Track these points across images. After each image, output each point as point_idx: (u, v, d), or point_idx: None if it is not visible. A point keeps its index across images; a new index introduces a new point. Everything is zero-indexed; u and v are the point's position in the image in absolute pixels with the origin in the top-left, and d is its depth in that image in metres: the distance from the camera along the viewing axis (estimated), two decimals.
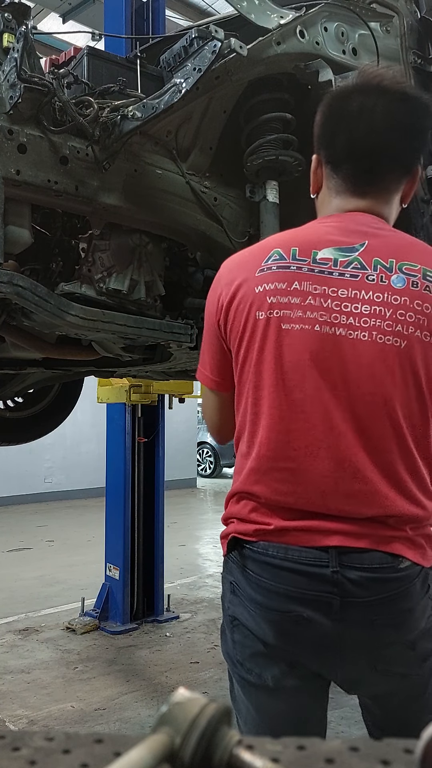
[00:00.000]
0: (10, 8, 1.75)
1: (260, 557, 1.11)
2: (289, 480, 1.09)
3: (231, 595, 1.17)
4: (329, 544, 1.07)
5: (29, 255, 1.91)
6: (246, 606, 1.13)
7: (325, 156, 1.21)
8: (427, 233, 2.26)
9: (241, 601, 1.14)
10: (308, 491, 1.08)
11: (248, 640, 1.13)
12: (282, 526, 1.10)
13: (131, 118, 1.79)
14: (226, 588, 1.20)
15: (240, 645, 1.15)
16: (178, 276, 2.26)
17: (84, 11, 9.17)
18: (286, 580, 1.09)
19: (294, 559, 1.08)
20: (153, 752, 0.37)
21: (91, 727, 2.96)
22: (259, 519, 1.12)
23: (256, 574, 1.12)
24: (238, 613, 1.15)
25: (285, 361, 1.10)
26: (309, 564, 1.07)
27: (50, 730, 0.42)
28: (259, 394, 1.12)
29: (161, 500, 4.70)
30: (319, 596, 1.07)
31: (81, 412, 4.84)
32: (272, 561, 1.10)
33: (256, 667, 1.13)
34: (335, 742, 0.41)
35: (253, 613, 1.12)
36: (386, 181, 1.19)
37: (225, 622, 1.20)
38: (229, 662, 1.18)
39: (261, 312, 1.11)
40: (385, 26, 2.27)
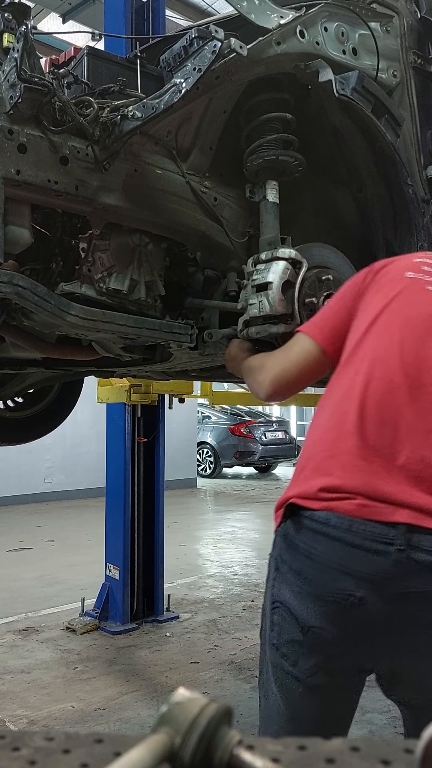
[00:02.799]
0: (10, 8, 1.75)
1: (317, 527, 1.04)
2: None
3: (275, 572, 1.11)
4: (398, 521, 1.00)
5: (29, 255, 1.91)
6: (290, 582, 1.07)
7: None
8: (427, 233, 2.26)
9: (285, 577, 1.08)
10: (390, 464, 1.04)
11: (287, 623, 1.07)
12: (350, 491, 1.03)
13: (131, 118, 1.79)
14: (270, 567, 1.14)
15: (278, 628, 1.08)
16: (178, 276, 2.26)
17: (84, 11, 9.17)
18: (342, 554, 1.01)
19: (356, 531, 1.01)
20: (153, 752, 0.37)
21: (91, 727, 2.96)
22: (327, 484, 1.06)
23: (308, 546, 1.05)
24: (279, 593, 1.09)
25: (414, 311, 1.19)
26: (372, 539, 1.00)
27: (50, 730, 0.42)
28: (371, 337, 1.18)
29: (161, 500, 4.69)
30: (377, 576, 1.00)
31: (81, 412, 4.84)
32: (331, 532, 1.03)
33: (293, 654, 1.06)
34: (336, 742, 0.41)
35: (297, 589, 1.05)
36: None
37: (266, 603, 1.13)
38: (265, 645, 1.12)
39: (411, 273, 1.24)
40: (385, 26, 2.27)
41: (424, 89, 2.37)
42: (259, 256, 1.93)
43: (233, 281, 2.14)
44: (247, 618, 4.56)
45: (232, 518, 8.91)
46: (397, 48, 2.29)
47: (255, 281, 1.90)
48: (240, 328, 1.98)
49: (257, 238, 2.05)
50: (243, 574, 5.78)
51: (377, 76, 2.15)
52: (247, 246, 2.13)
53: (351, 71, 2.00)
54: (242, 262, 2.06)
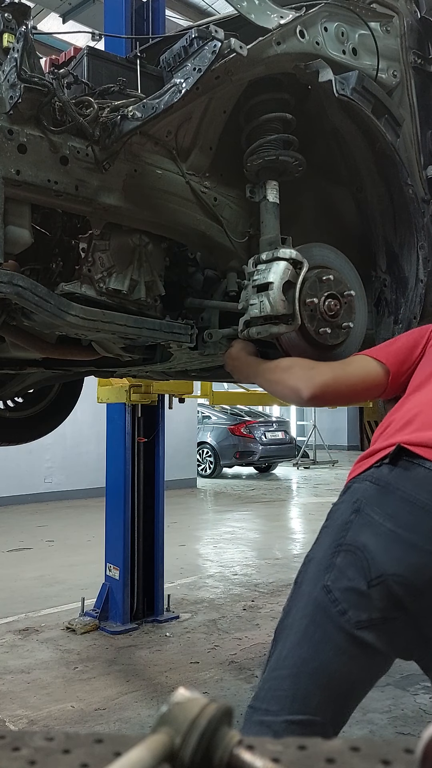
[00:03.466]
0: (10, 8, 1.75)
1: (427, 473, 1.01)
2: None
3: (352, 515, 1.07)
4: None
5: (29, 255, 1.91)
6: (376, 525, 1.03)
7: None
8: (427, 233, 2.26)
9: (371, 520, 1.03)
10: None
11: (355, 569, 1.02)
12: None
13: (131, 118, 1.79)
14: (344, 511, 1.09)
15: (339, 571, 1.03)
16: (178, 276, 2.26)
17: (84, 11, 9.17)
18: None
19: None
20: (153, 752, 0.37)
21: (91, 727, 2.96)
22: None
23: (412, 491, 1.01)
24: (356, 536, 1.04)
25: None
26: None
27: (50, 730, 0.42)
28: None
29: (161, 500, 4.69)
30: None
31: (81, 412, 4.84)
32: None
33: (346, 601, 1.01)
34: (336, 741, 0.41)
35: (386, 533, 1.01)
36: None
37: (324, 546, 1.08)
38: (311, 585, 1.06)
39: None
40: (385, 26, 2.27)
41: (424, 89, 2.37)
42: (259, 256, 1.93)
43: (233, 281, 2.14)
44: (247, 618, 4.56)
45: (232, 518, 8.91)
46: (397, 48, 2.29)
47: (256, 281, 1.90)
48: (241, 328, 1.98)
49: (257, 238, 2.05)
50: (243, 574, 5.78)
51: (377, 76, 2.15)
52: (247, 246, 2.13)
53: (351, 71, 2.00)
54: (242, 262, 2.06)
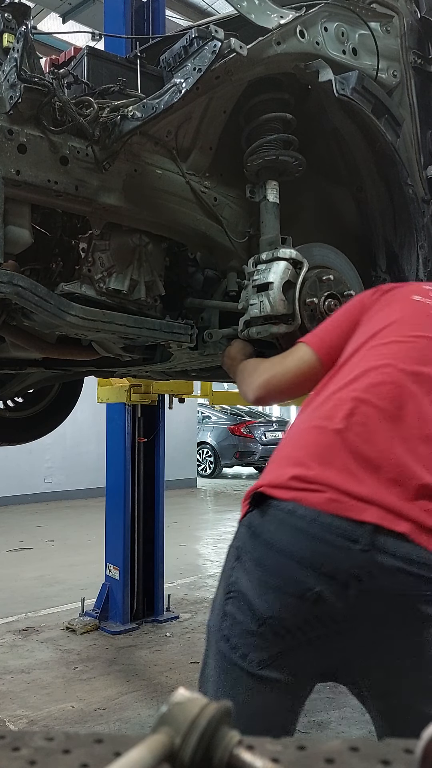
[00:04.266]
0: (10, 8, 1.75)
1: (283, 516, 1.02)
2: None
3: (234, 562, 1.09)
4: (366, 520, 0.98)
5: (29, 255, 1.91)
6: (250, 572, 1.04)
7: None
8: (427, 233, 2.26)
9: (245, 566, 1.06)
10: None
11: (242, 614, 1.04)
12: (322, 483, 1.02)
13: (131, 118, 1.79)
14: (230, 556, 1.12)
15: (231, 618, 1.06)
16: (178, 276, 2.26)
17: (84, 11, 9.17)
18: (304, 546, 0.99)
19: (321, 524, 0.99)
20: (153, 752, 0.37)
21: (91, 727, 2.95)
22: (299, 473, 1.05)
23: (271, 536, 1.03)
24: (237, 582, 1.06)
25: (417, 330, 1.21)
26: (336, 535, 0.98)
27: (50, 730, 0.42)
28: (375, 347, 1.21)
29: (161, 500, 4.69)
30: (338, 573, 0.98)
31: (81, 412, 4.84)
32: (296, 523, 1.01)
33: (244, 645, 1.03)
34: (335, 742, 0.41)
35: (257, 579, 1.03)
36: None
37: (219, 593, 1.11)
38: (214, 636, 1.09)
39: (418, 296, 1.28)
40: (385, 26, 2.27)
41: (424, 89, 2.37)
42: (259, 256, 1.93)
43: (233, 281, 2.14)
44: None
45: (232, 518, 8.90)
46: (397, 48, 2.29)
47: (256, 281, 1.90)
48: (241, 328, 1.98)
49: (257, 238, 2.05)
50: None
51: (377, 76, 2.15)
52: (247, 246, 2.13)
53: (351, 71, 2.00)
54: (242, 262, 2.06)
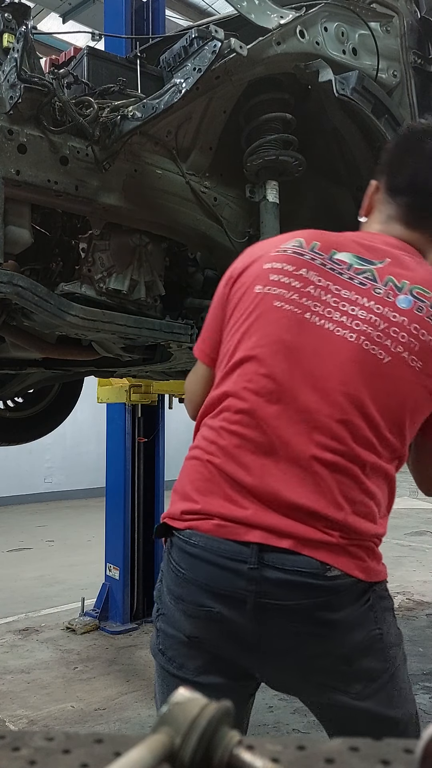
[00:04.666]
0: (10, 8, 1.75)
1: (182, 544, 1.09)
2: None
3: (159, 583, 1.16)
4: (251, 540, 1.04)
5: (29, 255, 1.91)
6: (166, 594, 1.12)
7: (387, 183, 1.27)
8: None
9: (165, 588, 1.13)
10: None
11: (171, 629, 1.11)
12: (208, 513, 1.07)
13: (131, 118, 1.79)
14: (160, 576, 1.18)
15: (163, 633, 1.12)
16: (178, 276, 2.26)
17: (84, 11, 9.17)
18: (201, 571, 1.06)
19: (213, 549, 1.05)
20: (153, 752, 0.37)
21: (91, 727, 2.95)
22: (196, 496, 1.10)
23: (176, 563, 1.10)
24: (162, 601, 1.14)
25: (263, 337, 1.11)
26: (227, 557, 1.04)
27: (50, 730, 0.42)
28: (232, 368, 1.14)
29: (161, 500, 4.69)
30: (234, 593, 1.04)
31: (81, 412, 4.84)
32: (192, 550, 1.07)
33: (179, 656, 1.10)
34: (335, 741, 0.41)
35: (171, 603, 1.11)
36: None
37: (153, 610, 1.18)
38: (153, 651, 1.16)
39: (259, 286, 1.14)
40: (385, 26, 2.27)
41: (424, 89, 2.37)
42: None
43: None
44: None
45: None
46: (397, 48, 2.29)
47: None
48: None
49: (257, 238, 2.05)
50: None
51: (377, 76, 2.15)
52: (247, 246, 2.13)
53: (351, 71, 2.00)
54: None
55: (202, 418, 1.17)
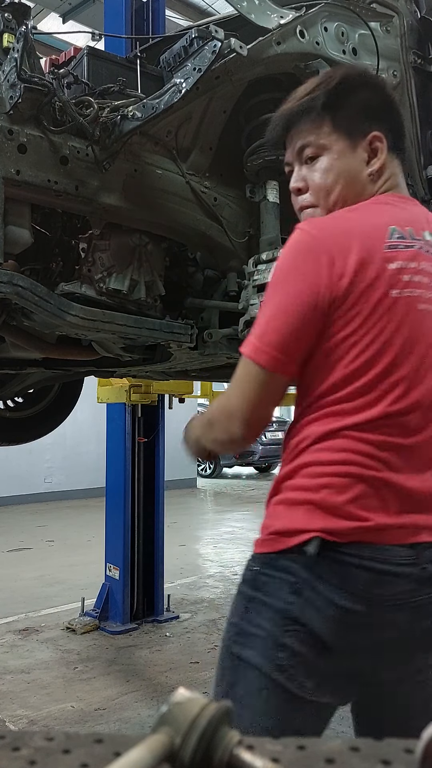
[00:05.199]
0: (10, 8, 1.75)
1: (348, 559, 1.02)
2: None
3: (293, 596, 1.05)
4: (420, 541, 1.04)
5: (29, 255, 1.91)
6: (319, 608, 1.04)
7: (391, 133, 1.18)
8: None
9: (310, 603, 1.04)
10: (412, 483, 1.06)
11: (305, 646, 1.04)
12: (382, 523, 1.03)
13: (131, 118, 1.79)
14: (279, 587, 1.06)
15: (290, 650, 1.05)
16: (178, 276, 2.26)
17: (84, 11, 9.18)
18: (375, 582, 1.03)
19: (388, 559, 1.03)
20: (153, 752, 0.37)
21: (91, 727, 2.95)
22: (358, 513, 1.03)
23: (345, 577, 1.03)
24: (301, 615, 1.04)
25: (411, 344, 1.06)
26: (398, 564, 1.03)
27: (50, 730, 0.42)
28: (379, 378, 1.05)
29: (161, 500, 4.69)
30: (401, 596, 1.04)
31: (81, 412, 4.83)
32: (362, 563, 1.02)
33: (302, 674, 1.05)
34: (335, 742, 0.41)
35: (329, 617, 1.03)
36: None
37: (269, 625, 1.07)
38: (261, 661, 1.07)
39: (395, 290, 1.06)
40: (385, 26, 2.27)
41: (424, 89, 2.37)
42: (260, 256, 1.93)
43: (234, 281, 2.14)
44: None
45: (232, 518, 8.91)
46: (397, 48, 2.29)
47: (256, 281, 1.90)
48: (241, 328, 1.98)
49: (257, 238, 2.05)
50: None
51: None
52: (247, 246, 2.13)
53: None
54: (242, 262, 2.06)
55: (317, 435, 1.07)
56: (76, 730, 0.41)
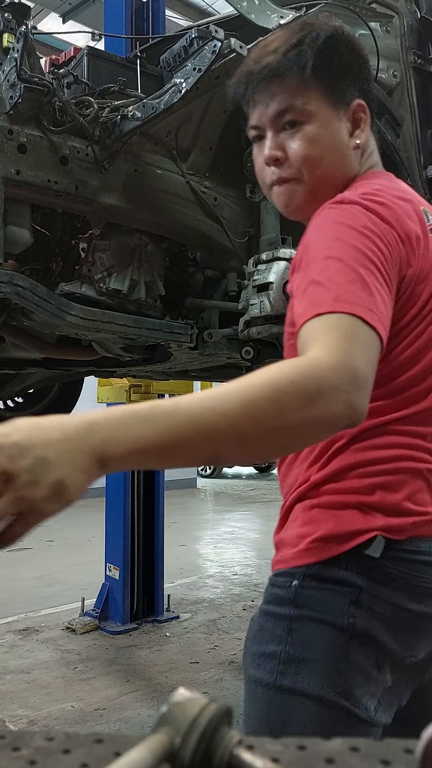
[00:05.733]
0: (10, 8, 1.76)
1: (410, 556, 0.96)
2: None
3: (354, 607, 0.94)
4: None
5: (29, 255, 1.91)
6: (384, 616, 0.94)
7: (370, 103, 1.05)
8: None
9: (375, 613, 0.94)
10: None
11: (372, 661, 0.93)
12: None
13: (131, 118, 1.79)
14: (334, 601, 0.94)
15: (357, 669, 0.93)
16: (178, 276, 2.26)
17: (84, 11, 9.19)
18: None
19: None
20: (153, 752, 0.37)
21: (91, 727, 2.95)
22: (416, 508, 0.96)
23: (409, 575, 0.95)
24: (368, 627, 0.93)
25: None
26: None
27: (50, 730, 0.42)
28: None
29: (161, 500, 4.69)
30: None
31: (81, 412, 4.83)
32: (424, 558, 0.96)
33: (367, 695, 0.93)
34: (335, 742, 0.41)
35: (396, 622, 0.95)
36: None
37: (327, 644, 0.93)
38: (331, 693, 0.92)
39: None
40: (385, 26, 2.27)
41: (424, 89, 2.37)
42: (260, 256, 1.93)
43: (233, 281, 2.14)
44: (247, 618, 4.54)
45: (232, 518, 8.91)
46: (397, 48, 2.29)
47: (256, 281, 1.90)
48: (241, 328, 1.98)
49: (257, 238, 2.05)
50: (243, 574, 5.78)
51: (377, 76, 2.15)
52: (247, 246, 2.13)
53: None
54: (242, 262, 2.06)
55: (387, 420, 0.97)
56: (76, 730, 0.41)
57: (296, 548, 0.98)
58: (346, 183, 1.02)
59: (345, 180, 1.02)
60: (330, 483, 0.98)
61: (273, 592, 1.00)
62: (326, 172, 1.01)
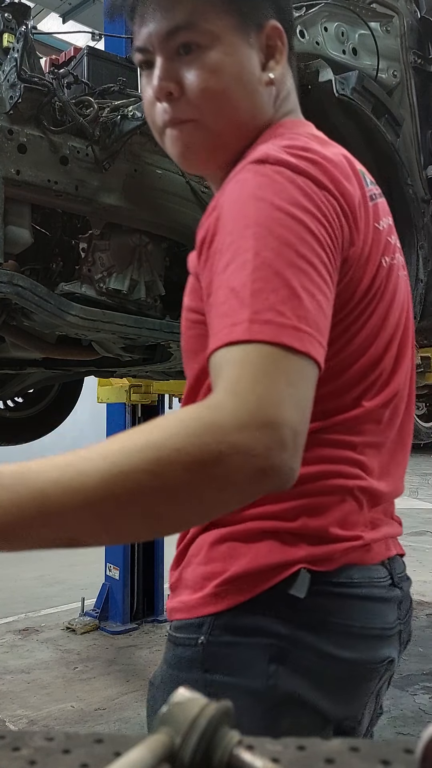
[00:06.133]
0: (10, 8, 1.76)
1: (338, 590, 0.77)
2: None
3: (274, 664, 0.75)
4: (391, 555, 0.84)
5: (29, 255, 1.91)
6: (310, 670, 0.76)
7: (288, 29, 0.82)
8: (427, 233, 2.26)
9: (299, 667, 0.75)
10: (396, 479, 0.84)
11: (301, 729, 0.74)
12: (369, 538, 0.80)
13: (131, 118, 1.80)
14: (251, 658, 0.76)
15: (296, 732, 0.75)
16: (178, 276, 2.26)
17: (84, 11, 9.20)
18: (376, 614, 0.80)
19: (376, 582, 0.80)
20: (153, 752, 0.37)
21: (91, 727, 2.95)
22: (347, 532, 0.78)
23: (341, 617, 0.77)
24: (290, 688, 0.75)
25: (397, 318, 0.81)
26: (384, 586, 0.82)
27: (50, 730, 0.42)
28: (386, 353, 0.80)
29: None
30: (398, 625, 0.83)
31: (81, 412, 4.83)
32: (357, 592, 0.78)
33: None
34: (335, 742, 0.41)
35: (326, 676, 0.77)
36: None
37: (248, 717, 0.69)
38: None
39: (386, 257, 0.79)
40: (385, 26, 2.27)
41: (424, 89, 2.37)
42: None
43: None
44: None
45: None
46: (397, 48, 2.29)
47: None
48: None
49: None
50: None
51: (377, 76, 2.15)
52: None
53: (351, 71, 2.00)
54: None
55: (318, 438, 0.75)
56: (76, 730, 0.41)
57: (201, 593, 0.78)
58: (257, 131, 0.80)
59: (255, 127, 0.80)
60: (242, 509, 0.76)
61: (176, 654, 0.80)
62: (232, 114, 0.78)
